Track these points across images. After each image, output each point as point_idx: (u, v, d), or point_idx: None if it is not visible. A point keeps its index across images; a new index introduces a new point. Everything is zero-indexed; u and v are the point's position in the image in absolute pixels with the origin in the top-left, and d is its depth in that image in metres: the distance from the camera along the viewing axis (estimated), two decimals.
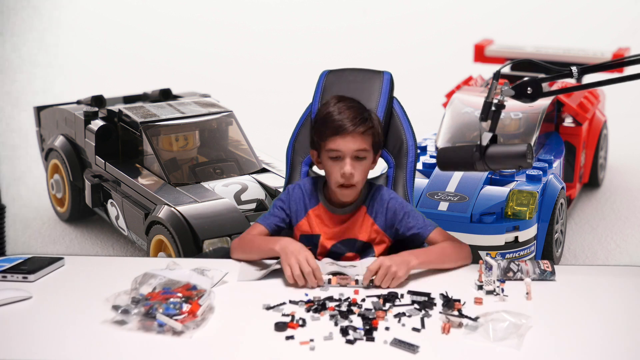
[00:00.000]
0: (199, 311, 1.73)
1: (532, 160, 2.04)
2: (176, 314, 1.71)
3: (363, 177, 2.14)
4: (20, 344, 1.68)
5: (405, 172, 2.32)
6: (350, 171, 2.08)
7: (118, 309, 1.75)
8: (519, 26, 5.18)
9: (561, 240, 3.42)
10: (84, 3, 5.44)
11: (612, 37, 4.72)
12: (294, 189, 2.24)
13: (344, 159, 2.09)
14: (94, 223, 3.87)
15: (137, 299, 1.77)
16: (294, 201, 2.22)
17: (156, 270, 1.88)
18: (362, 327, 1.71)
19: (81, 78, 5.06)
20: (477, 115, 2.86)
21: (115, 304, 1.78)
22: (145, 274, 1.85)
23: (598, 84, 2.15)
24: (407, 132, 2.33)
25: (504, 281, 1.90)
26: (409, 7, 5.55)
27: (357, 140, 2.08)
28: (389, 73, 2.37)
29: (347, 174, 2.08)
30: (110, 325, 1.73)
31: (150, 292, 1.79)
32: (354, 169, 2.09)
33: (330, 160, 2.12)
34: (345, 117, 2.08)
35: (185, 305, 1.74)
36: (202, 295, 1.77)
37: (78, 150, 3.77)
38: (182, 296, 1.77)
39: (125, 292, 1.82)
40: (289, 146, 2.43)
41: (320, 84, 2.39)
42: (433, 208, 3.05)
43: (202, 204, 3.12)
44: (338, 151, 2.09)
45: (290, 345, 1.65)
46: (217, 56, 5.45)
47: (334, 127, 2.09)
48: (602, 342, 1.68)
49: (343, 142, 2.08)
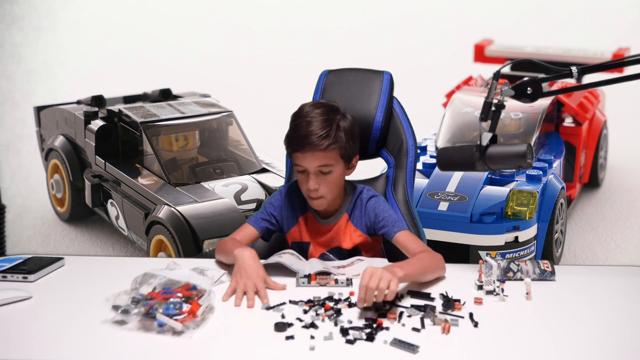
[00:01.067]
0: (199, 311, 1.73)
1: (532, 160, 2.04)
2: (176, 314, 1.71)
3: (331, 188, 2.10)
4: (20, 344, 1.68)
5: (405, 172, 2.32)
6: (314, 187, 2.06)
7: (118, 308, 1.75)
8: (519, 26, 5.18)
9: (561, 240, 3.42)
10: (84, 3, 5.44)
11: (612, 37, 4.72)
12: (286, 194, 2.21)
13: (308, 174, 2.07)
14: (94, 223, 3.87)
15: (137, 299, 1.77)
16: (285, 207, 2.20)
17: (156, 270, 1.88)
18: (362, 327, 1.71)
19: (81, 78, 5.06)
20: (477, 115, 2.86)
21: (115, 303, 1.78)
22: (145, 274, 1.85)
23: (598, 84, 2.15)
24: (407, 132, 2.33)
25: (504, 281, 1.90)
26: (409, 7, 5.55)
27: (317, 157, 2.04)
28: (389, 73, 2.37)
29: (310, 189, 2.07)
30: (110, 325, 1.73)
31: (151, 292, 1.79)
32: (318, 184, 2.06)
33: (298, 174, 2.11)
34: (308, 132, 2.04)
35: (185, 305, 1.74)
36: (202, 295, 1.77)
37: (78, 150, 3.77)
38: (182, 296, 1.77)
39: (125, 292, 1.82)
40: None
41: (320, 84, 2.39)
42: (433, 208, 3.05)
43: (202, 204, 3.12)
44: (301, 166, 2.07)
45: (290, 345, 1.65)
46: (217, 56, 5.45)
47: (296, 144, 2.06)
48: (602, 342, 1.68)
49: (305, 159, 2.05)
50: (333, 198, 2.13)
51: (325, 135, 2.04)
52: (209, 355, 1.63)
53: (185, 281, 1.83)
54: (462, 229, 3.00)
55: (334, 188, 2.11)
